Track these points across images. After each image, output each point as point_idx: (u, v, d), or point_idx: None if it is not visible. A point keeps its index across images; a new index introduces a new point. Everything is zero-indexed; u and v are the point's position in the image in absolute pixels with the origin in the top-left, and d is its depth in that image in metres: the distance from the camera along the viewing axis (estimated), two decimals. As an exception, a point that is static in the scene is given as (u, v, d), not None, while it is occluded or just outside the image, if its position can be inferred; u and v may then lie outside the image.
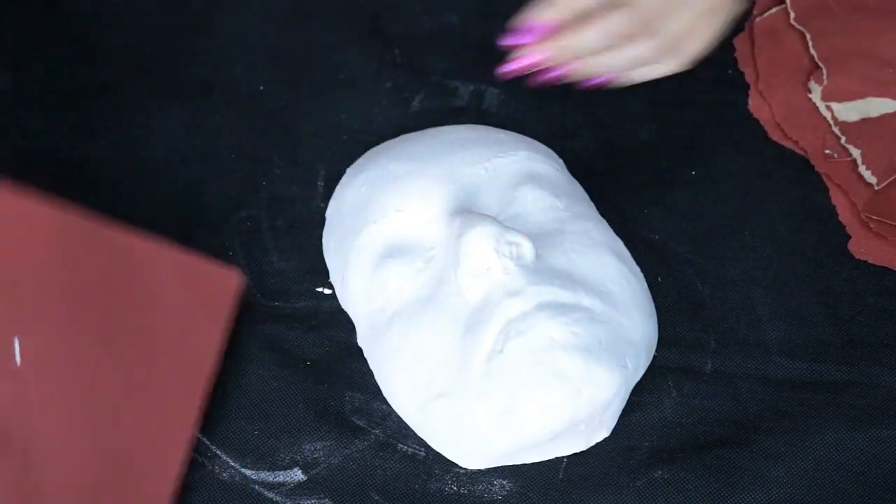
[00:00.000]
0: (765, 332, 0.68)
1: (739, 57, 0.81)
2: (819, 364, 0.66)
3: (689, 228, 0.72)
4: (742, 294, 0.69)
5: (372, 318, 0.64)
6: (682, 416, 0.64)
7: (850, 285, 0.70)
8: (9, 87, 0.78)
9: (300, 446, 0.63)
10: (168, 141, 0.76)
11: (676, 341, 0.67)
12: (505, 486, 0.62)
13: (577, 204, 0.67)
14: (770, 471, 0.62)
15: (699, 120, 0.78)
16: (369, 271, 0.64)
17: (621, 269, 0.63)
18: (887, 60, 0.78)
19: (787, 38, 0.81)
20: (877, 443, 0.63)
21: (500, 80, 0.65)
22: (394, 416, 0.64)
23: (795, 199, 0.74)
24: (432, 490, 0.62)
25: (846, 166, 0.75)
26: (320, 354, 0.67)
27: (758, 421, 0.64)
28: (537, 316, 0.59)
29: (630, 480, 0.62)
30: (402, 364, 0.62)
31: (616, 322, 0.61)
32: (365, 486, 0.62)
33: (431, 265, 0.63)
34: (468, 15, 0.83)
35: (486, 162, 0.66)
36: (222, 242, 0.71)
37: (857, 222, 0.72)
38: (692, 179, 0.75)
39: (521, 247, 0.61)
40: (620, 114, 0.78)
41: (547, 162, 0.68)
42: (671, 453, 0.63)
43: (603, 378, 0.59)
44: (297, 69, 0.80)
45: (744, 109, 0.79)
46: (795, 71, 0.80)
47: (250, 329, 0.67)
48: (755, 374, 0.66)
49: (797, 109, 0.78)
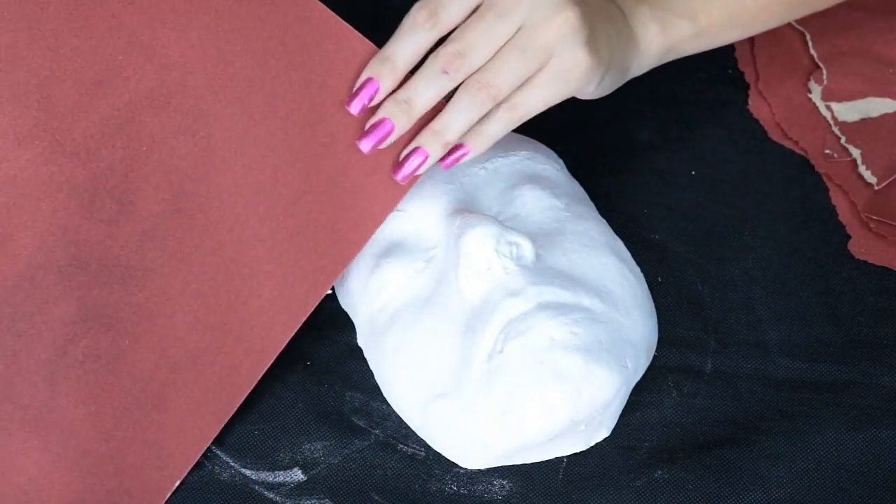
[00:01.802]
0: (765, 332, 0.68)
1: (739, 57, 0.81)
2: (819, 364, 0.66)
3: (689, 228, 0.72)
4: (742, 294, 0.69)
5: (372, 318, 0.64)
6: (682, 416, 0.64)
7: (850, 285, 0.70)
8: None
9: (300, 446, 0.63)
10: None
11: (676, 341, 0.67)
12: (505, 486, 0.62)
13: (577, 204, 0.67)
14: (770, 471, 0.62)
15: (699, 120, 0.78)
16: (369, 271, 0.64)
17: (621, 269, 0.63)
18: (887, 60, 0.78)
19: (787, 38, 0.81)
20: (877, 443, 0.63)
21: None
22: (394, 416, 0.64)
23: (795, 199, 0.74)
24: (432, 490, 0.62)
25: (846, 166, 0.75)
26: (320, 354, 0.67)
27: (758, 421, 0.64)
28: (537, 316, 0.59)
29: (630, 480, 0.62)
30: (402, 364, 0.62)
31: (616, 322, 0.61)
32: (365, 486, 0.62)
33: (431, 265, 0.63)
34: (468, 15, 0.83)
35: (485, 162, 0.66)
36: (222, 242, 0.71)
37: (857, 222, 0.72)
38: (692, 179, 0.75)
39: (521, 247, 0.61)
40: (620, 114, 0.78)
41: (547, 162, 0.68)
42: (671, 453, 0.63)
43: (603, 378, 0.59)
44: (297, 69, 0.80)
45: (744, 109, 0.79)
46: (795, 71, 0.80)
47: (250, 329, 0.67)
48: (755, 374, 0.66)
49: (797, 109, 0.78)
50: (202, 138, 0.59)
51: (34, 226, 0.57)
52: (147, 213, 0.58)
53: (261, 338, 0.60)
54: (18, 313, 0.57)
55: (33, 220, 0.57)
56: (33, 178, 0.57)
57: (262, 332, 0.60)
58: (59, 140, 0.57)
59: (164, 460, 0.60)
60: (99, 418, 0.58)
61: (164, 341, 0.59)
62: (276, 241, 0.60)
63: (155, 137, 0.58)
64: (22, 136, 0.57)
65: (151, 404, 0.59)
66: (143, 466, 0.59)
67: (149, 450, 0.59)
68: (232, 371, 0.60)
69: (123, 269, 0.58)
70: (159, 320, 0.59)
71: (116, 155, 0.58)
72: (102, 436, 0.58)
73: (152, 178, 0.58)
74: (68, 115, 0.57)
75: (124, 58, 0.57)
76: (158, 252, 0.59)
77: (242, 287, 0.60)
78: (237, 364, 0.60)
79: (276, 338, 0.61)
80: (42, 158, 0.57)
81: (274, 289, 0.60)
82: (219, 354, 0.60)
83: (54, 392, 0.58)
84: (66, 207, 0.58)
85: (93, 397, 0.58)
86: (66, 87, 0.57)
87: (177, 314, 0.59)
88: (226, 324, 0.60)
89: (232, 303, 0.60)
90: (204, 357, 0.60)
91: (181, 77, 0.58)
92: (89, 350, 0.58)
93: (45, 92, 0.57)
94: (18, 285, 0.57)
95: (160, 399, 0.59)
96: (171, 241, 0.59)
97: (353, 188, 0.60)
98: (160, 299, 0.59)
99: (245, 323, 0.60)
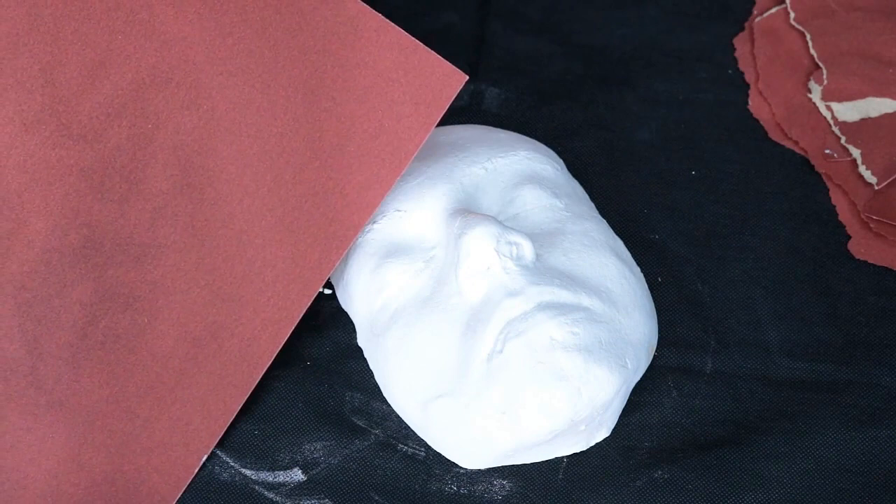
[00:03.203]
0: (765, 332, 0.68)
1: (739, 57, 0.81)
2: (819, 364, 0.66)
3: (689, 228, 0.72)
4: (742, 294, 0.69)
5: (372, 318, 0.64)
6: (682, 416, 0.64)
7: (850, 285, 0.70)
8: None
9: (300, 446, 0.63)
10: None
11: (676, 341, 0.67)
12: (505, 486, 0.62)
13: (577, 204, 0.67)
14: (770, 471, 0.62)
15: (699, 120, 0.78)
16: (369, 271, 0.64)
17: (621, 269, 0.63)
18: (887, 60, 0.78)
19: (787, 38, 0.81)
20: (877, 443, 0.63)
21: (500, 79, 0.65)
22: (394, 416, 0.64)
23: (795, 199, 0.74)
24: (432, 490, 0.62)
25: (846, 166, 0.75)
26: (320, 354, 0.67)
27: (758, 421, 0.64)
28: (537, 316, 0.59)
29: (630, 480, 0.62)
30: (402, 364, 0.62)
31: (616, 322, 0.61)
32: (365, 486, 0.62)
33: (431, 265, 0.63)
34: (468, 15, 0.83)
35: (486, 162, 0.66)
36: (222, 242, 0.71)
37: (857, 222, 0.72)
38: (692, 179, 0.75)
39: (521, 247, 0.61)
40: (620, 114, 0.78)
41: (547, 162, 0.68)
42: (671, 453, 0.63)
43: (603, 378, 0.59)
44: (297, 69, 0.80)
45: (744, 109, 0.79)
46: (795, 71, 0.80)
47: (250, 329, 0.67)
48: (755, 374, 0.66)
49: (797, 109, 0.78)
50: (206, 111, 0.59)
51: (47, 210, 0.57)
52: (157, 190, 0.59)
53: (278, 308, 0.61)
54: (37, 298, 0.58)
55: (45, 205, 0.57)
56: (42, 162, 0.57)
57: (278, 301, 0.61)
58: (66, 123, 0.57)
59: (189, 436, 0.60)
60: (123, 398, 0.59)
61: (183, 317, 0.59)
62: (287, 209, 0.60)
63: (160, 115, 0.58)
64: (28, 122, 0.57)
65: (174, 381, 0.59)
66: (169, 443, 0.60)
67: (174, 426, 0.60)
68: (252, 343, 0.61)
69: (137, 247, 0.59)
70: (176, 297, 0.59)
71: (123, 134, 0.58)
72: (128, 415, 0.59)
73: (160, 155, 0.59)
74: (73, 98, 0.57)
75: (124, 37, 0.58)
76: (171, 228, 0.59)
77: (256, 257, 0.60)
78: (256, 335, 0.61)
79: (293, 307, 0.61)
80: (50, 143, 0.57)
81: (287, 257, 0.60)
82: (237, 327, 0.60)
83: (78, 374, 0.58)
84: (77, 190, 0.58)
85: (116, 377, 0.59)
86: (69, 70, 0.57)
87: (193, 289, 0.60)
88: (242, 296, 0.60)
89: (247, 274, 0.60)
90: (223, 331, 0.60)
91: (181, 52, 0.58)
92: (109, 330, 0.59)
93: (48, 77, 0.57)
94: (35, 270, 0.58)
95: (182, 375, 0.60)
96: (182, 217, 0.59)
97: (359, 152, 0.60)
98: (176, 275, 0.59)
99: (261, 293, 0.60)
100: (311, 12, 0.59)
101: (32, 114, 0.57)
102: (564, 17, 0.83)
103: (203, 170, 0.59)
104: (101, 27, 0.57)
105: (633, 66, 0.81)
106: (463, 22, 0.82)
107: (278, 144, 0.60)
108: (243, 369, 0.61)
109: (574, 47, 0.81)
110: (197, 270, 0.59)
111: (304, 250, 0.60)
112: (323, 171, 0.60)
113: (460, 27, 0.82)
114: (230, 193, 0.59)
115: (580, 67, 0.80)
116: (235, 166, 0.59)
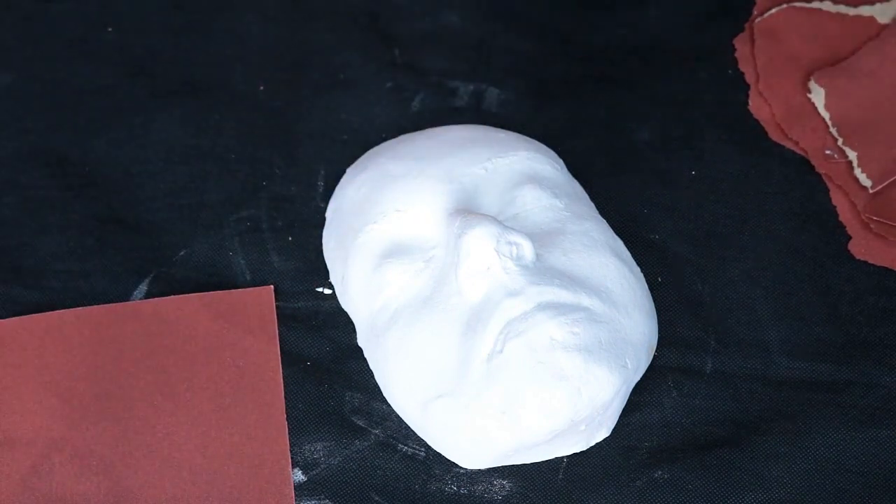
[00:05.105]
0: (765, 332, 0.68)
1: (739, 57, 0.81)
2: (819, 364, 0.66)
3: (689, 228, 0.72)
4: (742, 294, 0.69)
5: (372, 318, 0.64)
6: (682, 416, 0.64)
7: (850, 285, 0.70)
8: (9, 87, 0.78)
9: (300, 447, 0.63)
10: (168, 141, 0.76)
11: (676, 341, 0.67)
12: (505, 486, 0.62)
13: (577, 204, 0.67)
14: (770, 471, 0.62)
15: (699, 120, 0.78)
16: (369, 271, 0.64)
17: (621, 269, 0.63)
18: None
19: (787, 39, 0.81)
20: (877, 443, 0.63)
21: (500, 79, 0.65)
22: (394, 416, 0.64)
23: (795, 199, 0.74)
24: (432, 490, 0.62)
25: (846, 166, 0.75)
26: (320, 354, 0.67)
27: (758, 421, 0.64)
28: (537, 316, 0.59)
29: (630, 480, 0.62)
30: (402, 364, 0.62)
31: (616, 322, 0.61)
32: (365, 487, 0.62)
33: (431, 265, 0.63)
34: (468, 15, 0.83)
35: (486, 162, 0.66)
36: (222, 242, 0.71)
37: (857, 223, 0.72)
38: (692, 179, 0.75)
39: (521, 247, 0.61)
40: (620, 114, 0.78)
41: (547, 162, 0.68)
42: (671, 453, 0.63)
43: (603, 378, 0.59)
44: (297, 69, 0.80)
45: (744, 109, 0.78)
46: (795, 71, 0.80)
47: (250, 329, 0.67)
48: (755, 374, 0.66)
49: (797, 109, 0.78)
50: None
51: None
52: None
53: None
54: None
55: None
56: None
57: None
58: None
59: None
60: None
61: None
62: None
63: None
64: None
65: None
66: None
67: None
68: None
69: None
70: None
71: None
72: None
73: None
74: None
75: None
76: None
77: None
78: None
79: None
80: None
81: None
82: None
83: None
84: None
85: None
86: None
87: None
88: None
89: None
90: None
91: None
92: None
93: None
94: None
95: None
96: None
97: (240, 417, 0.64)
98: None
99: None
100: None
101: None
102: (564, 17, 0.83)
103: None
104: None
105: (633, 66, 0.80)
106: (463, 22, 0.82)
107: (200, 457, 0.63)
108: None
109: (574, 47, 0.81)
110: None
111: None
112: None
113: (460, 27, 0.82)
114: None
115: (580, 67, 0.80)
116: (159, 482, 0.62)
